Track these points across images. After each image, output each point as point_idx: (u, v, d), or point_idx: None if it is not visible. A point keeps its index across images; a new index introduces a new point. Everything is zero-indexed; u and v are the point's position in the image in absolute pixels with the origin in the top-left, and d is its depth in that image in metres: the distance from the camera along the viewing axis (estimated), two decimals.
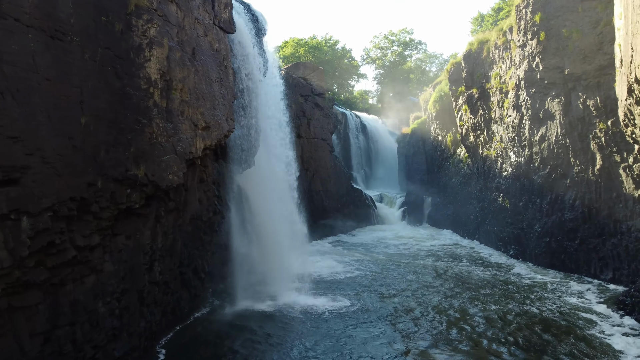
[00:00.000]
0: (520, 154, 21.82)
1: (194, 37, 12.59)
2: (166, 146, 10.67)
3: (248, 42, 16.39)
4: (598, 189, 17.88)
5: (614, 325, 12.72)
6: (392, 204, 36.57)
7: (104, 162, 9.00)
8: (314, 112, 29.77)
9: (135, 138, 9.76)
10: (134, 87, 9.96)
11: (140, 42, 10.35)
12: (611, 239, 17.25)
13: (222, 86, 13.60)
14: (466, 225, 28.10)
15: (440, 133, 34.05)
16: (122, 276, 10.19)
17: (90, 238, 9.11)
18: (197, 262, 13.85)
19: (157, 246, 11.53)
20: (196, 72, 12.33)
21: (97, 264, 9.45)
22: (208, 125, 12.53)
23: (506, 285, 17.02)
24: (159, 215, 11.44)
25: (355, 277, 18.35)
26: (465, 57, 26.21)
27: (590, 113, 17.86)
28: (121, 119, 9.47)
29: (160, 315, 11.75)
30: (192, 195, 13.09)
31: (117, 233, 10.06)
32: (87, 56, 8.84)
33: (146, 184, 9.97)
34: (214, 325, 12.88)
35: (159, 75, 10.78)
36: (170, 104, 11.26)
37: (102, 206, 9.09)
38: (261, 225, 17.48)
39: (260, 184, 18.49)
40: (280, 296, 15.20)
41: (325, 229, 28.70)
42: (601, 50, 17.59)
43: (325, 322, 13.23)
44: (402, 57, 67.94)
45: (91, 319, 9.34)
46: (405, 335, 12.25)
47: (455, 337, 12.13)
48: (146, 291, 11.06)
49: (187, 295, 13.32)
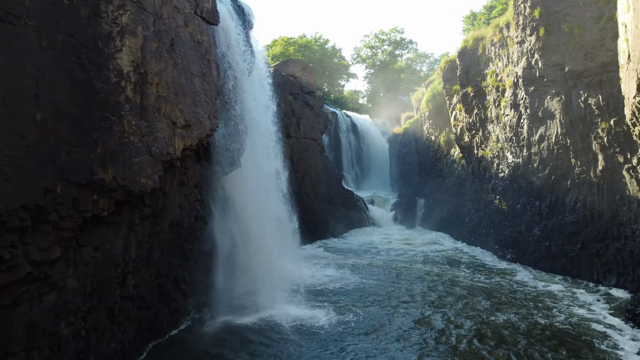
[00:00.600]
0: (518, 155, 21.01)
1: (173, 27, 11.52)
2: (139, 146, 9.58)
3: (233, 35, 15.33)
4: (600, 191, 17.11)
5: (626, 338, 11.85)
6: (384, 206, 35.67)
7: (64, 165, 7.91)
8: (304, 111, 28.74)
9: (103, 137, 8.67)
10: (102, 80, 8.88)
11: (110, 30, 9.27)
12: (615, 243, 16.48)
13: (204, 81, 12.53)
14: (461, 228, 27.27)
15: (433, 133, 33.23)
16: (88, 292, 9.09)
17: (50, 251, 8.01)
18: (177, 273, 12.76)
19: (131, 257, 10.43)
20: (175, 65, 11.25)
21: (58, 280, 8.35)
22: (188, 123, 11.45)
23: (509, 293, 16.14)
24: (132, 223, 10.35)
25: (349, 285, 17.37)
26: (460, 55, 25.37)
27: (592, 112, 17.10)
28: (86, 116, 8.38)
29: (134, 333, 10.65)
30: (171, 200, 12.00)
31: (83, 244, 8.97)
32: (45, 43, 7.75)
33: (115, 189, 8.88)
34: (193, 342, 11.76)
35: (132, 67, 9.71)
36: (145, 99, 10.18)
37: (62, 215, 7.99)
38: (248, 231, 16.41)
39: (248, 187, 17.43)
40: (268, 308, 14.14)
41: (316, 232, 27.69)
42: (603, 47, 16.83)
43: (317, 337, 12.20)
44: (393, 56, 67.19)
45: (51, 342, 8.24)
46: (409, 352, 11.24)
47: (463, 353, 11.20)
48: (117, 308, 9.95)
49: (165, 310, 12.21)
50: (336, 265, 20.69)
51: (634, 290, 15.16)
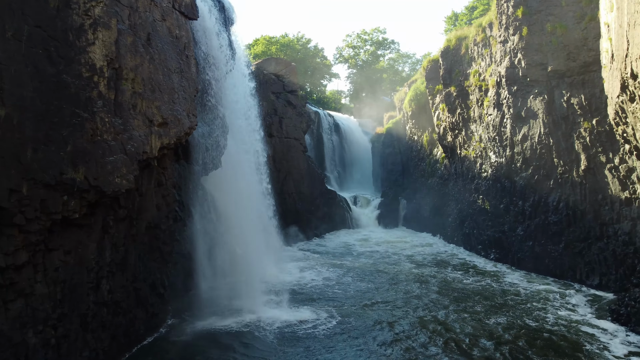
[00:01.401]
0: (501, 154, 21.01)
1: (150, 21, 11.05)
2: (113, 145, 9.11)
3: (213, 31, 14.88)
4: (583, 190, 17.16)
5: (611, 338, 11.80)
6: (367, 206, 35.49)
7: (31, 164, 7.41)
8: (286, 110, 28.36)
9: (73, 135, 8.18)
10: (73, 75, 8.39)
11: (82, 22, 8.79)
12: (597, 243, 16.53)
13: (183, 77, 12.08)
14: (444, 228, 27.23)
15: (416, 133, 33.18)
16: (59, 299, 8.59)
17: (16, 256, 7.51)
18: (155, 276, 12.27)
19: (105, 261, 9.94)
20: (152, 60, 10.79)
21: (25, 286, 7.84)
22: (166, 121, 10.99)
23: (492, 294, 16.04)
24: (106, 225, 9.86)
25: (333, 287, 17.06)
26: (442, 54, 25.32)
27: (575, 112, 17.14)
28: (54, 112, 7.88)
29: (109, 340, 10.14)
30: (148, 201, 11.52)
31: (53, 248, 8.45)
32: (9, 34, 7.26)
33: (87, 190, 8.39)
34: (171, 348, 11.28)
35: (105, 62, 9.23)
36: (120, 96, 9.70)
37: (29, 217, 7.49)
38: (229, 232, 15.99)
39: (229, 187, 16.99)
40: (250, 311, 13.73)
41: (299, 233, 27.31)
42: (586, 47, 16.89)
43: (300, 341, 11.87)
44: (375, 56, 67.19)
45: (18, 352, 7.73)
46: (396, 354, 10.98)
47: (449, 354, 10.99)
48: (91, 314, 9.45)
49: (143, 315, 11.72)
50: (319, 267, 20.38)
51: (617, 289, 15.19)
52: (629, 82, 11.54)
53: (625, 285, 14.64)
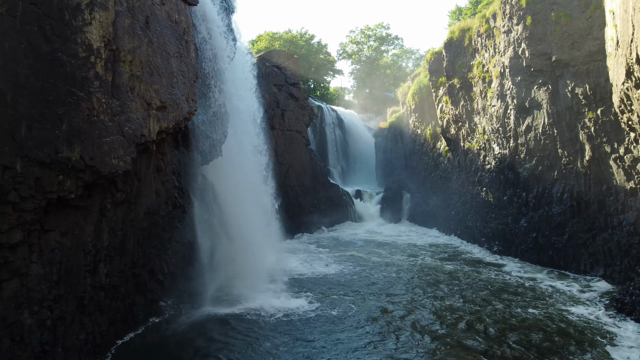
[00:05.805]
0: (505, 146, 20.80)
1: (148, 5, 10.95)
2: (110, 125, 9.02)
3: (214, 18, 14.77)
4: (587, 181, 16.95)
5: (616, 328, 11.62)
6: (370, 200, 35.34)
7: (25, 141, 7.34)
8: (289, 102, 28.22)
9: (69, 113, 8.10)
10: (69, 54, 8.30)
11: (79, 1, 8.70)
12: (602, 234, 16.33)
13: (182, 62, 11.98)
14: (447, 221, 27.04)
15: (419, 126, 32.98)
16: (55, 280, 8.52)
17: (10, 234, 7.44)
18: (154, 263, 12.19)
19: (103, 244, 9.86)
20: (150, 43, 10.69)
21: (20, 265, 7.78)
22: (164, 104, 10.90)
23: (495, 286, 15.87)
24: (104, 208, 9.78)
25: (334, 278, 16.95)
26: (446, 46, 25.09)
27: (579, 102, 16.92)
28: (50, 90, 7.80)
29: (107, 324, 10.08)
30: (146, 185, 11.44)
31: (49, 229, 8.39)
32: (2, 10, 7.17)
33: (83, 169, 8.31)
34: (168, 334, 11.20)
35: (102, 43, 9.14)
36: (118, 77, 9.62)
37: (23, 195, 7.42)
38: (230, 221, 15.90)
39: (230, 176, 16.90)
40: (250, 299, 13.65)
41: (301, 226, 27.23)
42: (590, 36, 16.66)
43: (298, 328, 11.77)
44: (379, 52, 66.82)
45: (13, 332, 7.67)
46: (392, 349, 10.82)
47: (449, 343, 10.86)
48: (88, 297, 9.38)
49: (142, 300, 11.65)
50: (320, 259, 20.27)
51: (622, 280, 15.01)
52: (634, 67, 11.34)
53: (630, 276, 14.44)
